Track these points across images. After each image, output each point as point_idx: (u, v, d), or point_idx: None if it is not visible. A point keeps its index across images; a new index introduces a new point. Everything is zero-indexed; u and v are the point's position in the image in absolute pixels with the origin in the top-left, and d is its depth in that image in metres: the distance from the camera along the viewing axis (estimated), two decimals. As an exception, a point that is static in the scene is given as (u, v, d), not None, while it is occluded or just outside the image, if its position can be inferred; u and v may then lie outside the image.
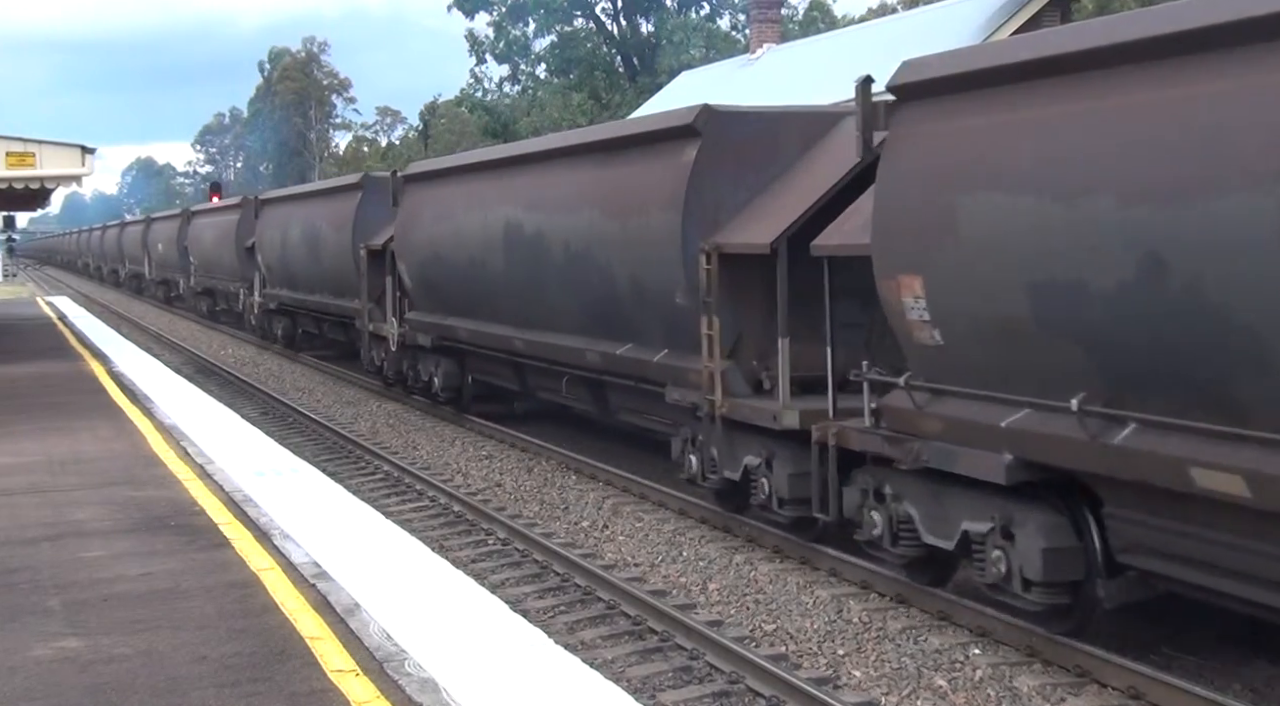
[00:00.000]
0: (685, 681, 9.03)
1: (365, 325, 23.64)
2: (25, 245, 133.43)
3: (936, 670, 9.01)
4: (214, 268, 39.80)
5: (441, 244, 19.49)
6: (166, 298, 53.58)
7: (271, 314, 32.92)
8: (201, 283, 42.67)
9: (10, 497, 11.93)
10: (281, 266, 30.69)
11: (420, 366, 21.29)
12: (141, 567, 9.26)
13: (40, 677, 6.99)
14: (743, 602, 10.77)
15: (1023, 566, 8.69)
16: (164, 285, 53.34)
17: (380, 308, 22.82)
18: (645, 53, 50.53)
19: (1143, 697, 8.28)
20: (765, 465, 11.79)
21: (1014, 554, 8.76)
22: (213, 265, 39.96)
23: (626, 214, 13.72)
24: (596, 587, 11.19)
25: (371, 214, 23.60)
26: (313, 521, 10.74)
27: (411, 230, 20.74)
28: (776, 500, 11.63)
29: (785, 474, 11.47)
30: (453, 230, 18.99)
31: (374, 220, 23.37)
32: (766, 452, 11.75)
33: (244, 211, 35.08)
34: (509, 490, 15.73)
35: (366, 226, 23.71)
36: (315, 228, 27.32)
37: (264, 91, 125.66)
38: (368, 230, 23.59)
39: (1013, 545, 8.78)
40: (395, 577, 8.98)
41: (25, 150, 21.55)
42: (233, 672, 6.97)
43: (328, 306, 27.03)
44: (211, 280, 40.79)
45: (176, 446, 14.59)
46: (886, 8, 68.68)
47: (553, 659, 7.30)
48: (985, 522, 9.00)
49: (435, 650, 7.28)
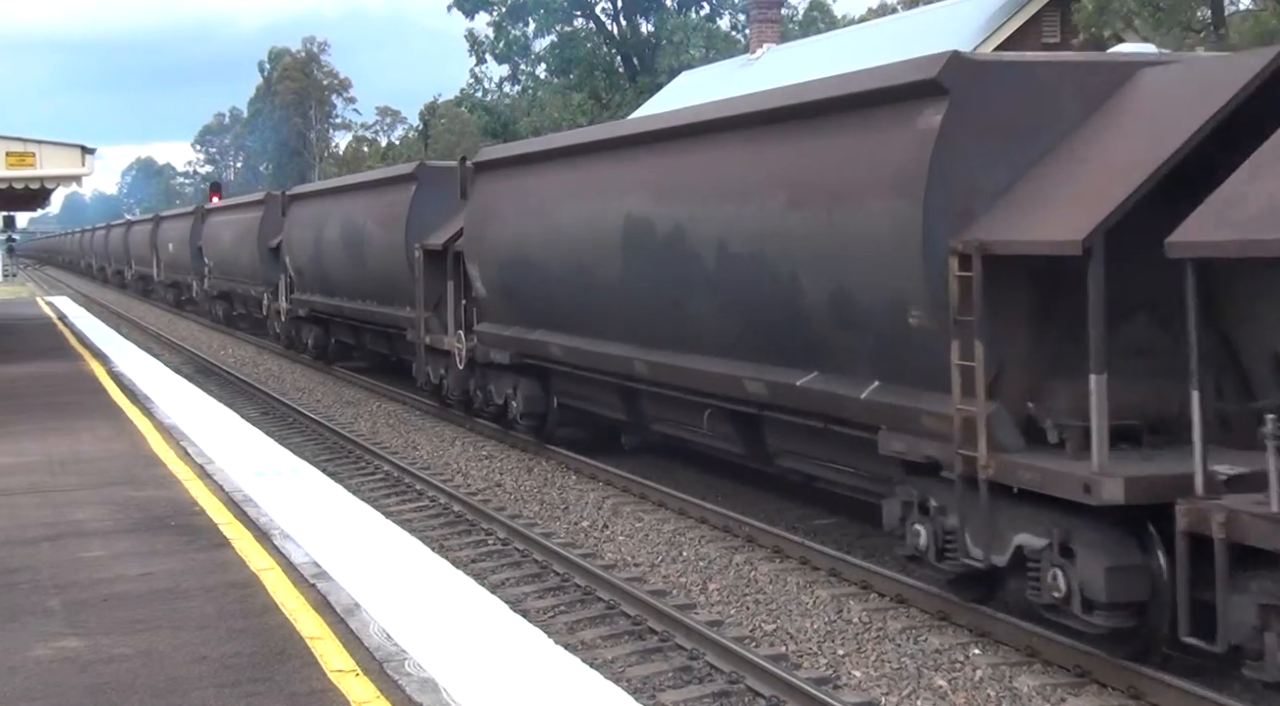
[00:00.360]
0: (685, 681, 9.02)
1: (421, 337, 20.65)
2: (25, 245, 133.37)
3: (936, 670, 9.01)
4: (232, 269, 36.61)
5: (529, 243, 16.47)
6: (177, 301, 50.82)
7: (300, 322, 29.68)
8: (217, 285, 39.72)
9: (10, 497, 11.93)
10: (314, 269, 27.58)
11: (493, 387, 18.30)
12: (141, 567, 9.26)
13: (40, 677, 6.98)
14: (743, 602, 10.77)
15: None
16: (174, 288, 50.73)
17: (439, 317, 20.11)
18: (645, 53, 50.52)
19: (1143, 697, 8.27)
20: (1058, 550, 8.55)
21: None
22: (230, 267, 36.78)
23: (826, 204, 10.50)
24: (596, 587, 11.19)
25: (428, 209, 20.79)
26: (313, 521, 10.74)
27: (486, 227, 17.83)
28: (1082, 602, 8.38)
29: (1101, 567, 8.22)
30: (545, 227, 16.04)
31: (431, 216, 20.63)
32: (1060, 533, 8.52)
33: (268, 208, 31.64)
34: (509, 490, 15.73)
35: (422, 223, 20.77)
36: (358, 225, 24.16)
37: (264, 91, 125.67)
38: (424, 228, 20.69)
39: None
40: (395, 577, 8.97)
41: (25, 150, 21.56)
42: (233, 672, 6.97)
43: (372, 315, 23.84)
44: (229, 283, 37.63)
45: (176, 446, 14.59)
46: (886, 8, 68.69)
47: (553, 659, 7.30)
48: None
49: (435, 650, 7.28)
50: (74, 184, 23.39)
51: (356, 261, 24.29)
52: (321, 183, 40.85)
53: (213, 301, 41.25)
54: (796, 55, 31.75)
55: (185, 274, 45.81)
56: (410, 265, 20.80)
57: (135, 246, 60.91)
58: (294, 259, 28.71)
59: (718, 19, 52.44)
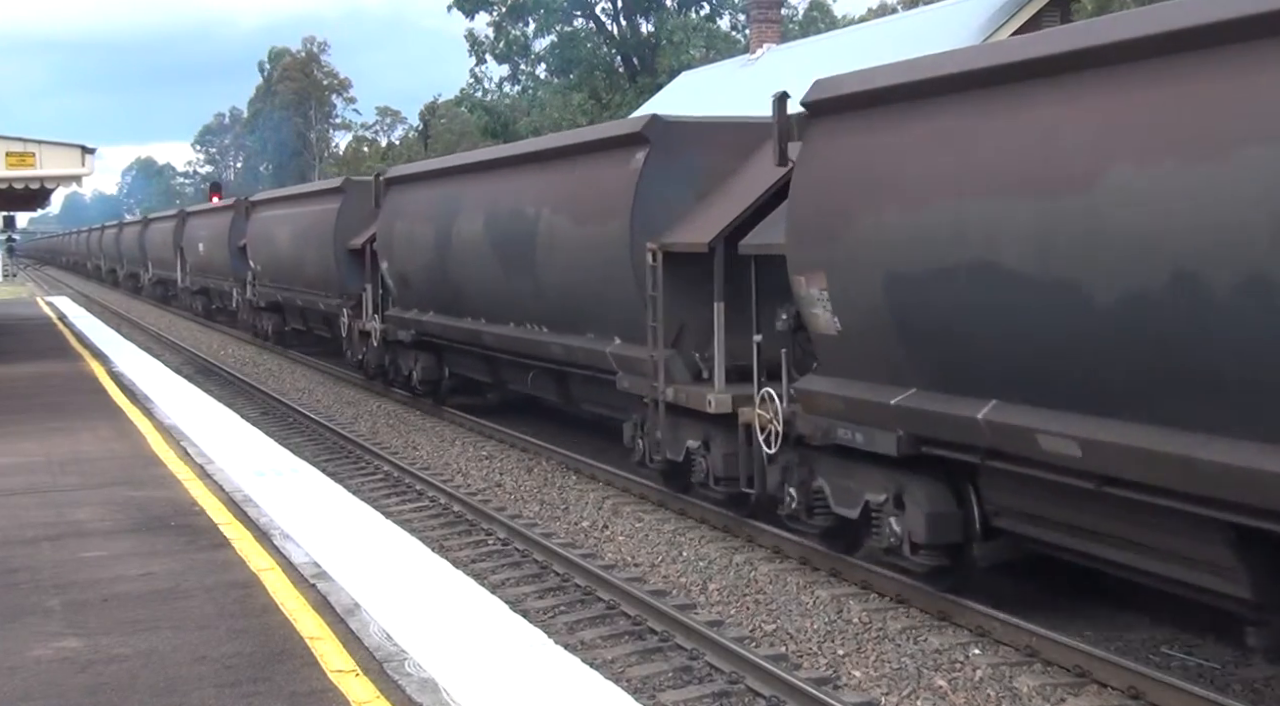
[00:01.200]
0: (685, 681, 9.03)
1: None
2: (26, 245, 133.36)
3: (936, 670, 9.01)
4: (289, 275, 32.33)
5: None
6: (207, 310, 43.67)
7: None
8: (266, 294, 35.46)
9: (10, 498, 11.93)
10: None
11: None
12: (142, 568, 9.26)
13: (40, 677, 6.99)
14: (743, 602, 10.78)
15: None
16: (203, 296, 43.71)
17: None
18: (645, 53, 50.50)
19: (1143, 697, 8.28)
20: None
21: None
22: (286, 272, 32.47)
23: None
24: (596, 587, 11.19)
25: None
26: (313, 521, 10.74)
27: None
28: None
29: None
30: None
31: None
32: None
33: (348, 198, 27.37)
34: (509, 490, 15.73)
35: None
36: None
37: (264, 91, 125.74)
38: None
39: None
40: (395, 577, 8.97)
41: (25, 150, 21.56)
42: (233, 672, 6.97)
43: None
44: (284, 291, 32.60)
45: (176, 446, 14.59)
46: (886, 8, 68.72)
47: (553, 659, 7.30)
48: None
49: (435, 650, 7.28)
50: (74, 184, 23.38)
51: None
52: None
53: (258, 314, 34.77)
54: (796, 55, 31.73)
55: (221, 279, 39.59)
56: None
57: (154, 247, 53.71)
58: (394, 264, 22.33)
59: (718, 19, 52.40)
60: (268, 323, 34.07)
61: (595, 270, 14.47)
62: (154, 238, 53.99)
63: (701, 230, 12.79)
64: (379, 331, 22.99)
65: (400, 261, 21.71)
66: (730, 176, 13.31)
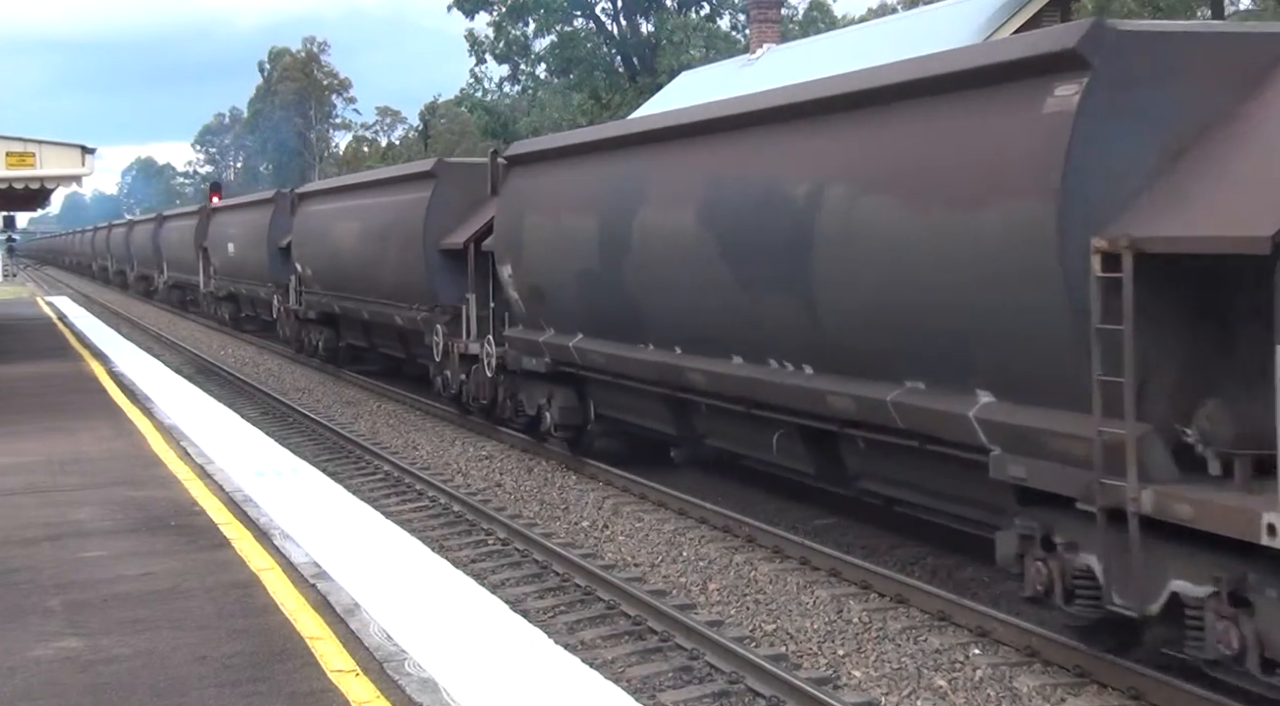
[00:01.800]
0: (685, 681, 9.03)
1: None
2: (26, 245, 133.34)
3: (936, 670, 9.01)
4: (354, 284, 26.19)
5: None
6: (234, 318, 39.31)
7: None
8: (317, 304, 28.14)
9: (11, 497, 11.93)
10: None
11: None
12: (142, 567, 9.26)
13: (40, 677, 6.99)
14: (743, 602, 10.78)
15: None
16: (230, 302, 39.31)
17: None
18: (645, 53, 50.52)
19: (1143, 698, 8.28)
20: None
21: None
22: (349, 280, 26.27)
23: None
24: (596, 587, 11.19)
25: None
26: (313, 521, 10.74)
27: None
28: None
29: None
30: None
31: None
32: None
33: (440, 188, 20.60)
34: (509, 490, 15.74)
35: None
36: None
37: (264, 91, 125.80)
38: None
39: None
40: (395, 577, 8.97)
41: (25, 150, 21.56)
42: (233, 672, 6.97)
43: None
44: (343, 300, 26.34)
45: (176, 446, 14.59)
46: (886, 8, 68.76)
47: (553, 659, 7.30)
48: None
49: (435, 650, 7.28)
50: (74, 184, 23.40)
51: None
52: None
53: (305, 327, 29.45)
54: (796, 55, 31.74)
55: (256, 284, 33.86)
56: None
57: (170, 246, 48.62)
58: (522, 269, 16.91)
59: (718, 19, 52.44)
60: (318, 337, 28.06)
61: (956, 283, 9.02)
62: (170, 236, 48.52)
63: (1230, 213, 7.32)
64: (492, 356, 17.89)
65: (532, 266, 16.35)
66: (1220, 121, 7.96)
